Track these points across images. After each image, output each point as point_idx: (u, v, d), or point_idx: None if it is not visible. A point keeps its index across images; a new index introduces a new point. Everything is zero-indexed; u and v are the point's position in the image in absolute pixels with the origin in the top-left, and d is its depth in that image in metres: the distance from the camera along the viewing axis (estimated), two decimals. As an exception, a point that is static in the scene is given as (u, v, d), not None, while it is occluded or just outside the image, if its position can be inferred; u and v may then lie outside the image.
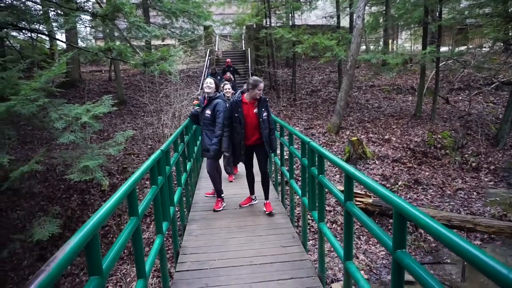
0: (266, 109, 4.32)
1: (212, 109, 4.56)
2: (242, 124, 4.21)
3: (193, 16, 15.30)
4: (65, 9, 8.21)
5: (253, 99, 4.26)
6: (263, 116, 4.25)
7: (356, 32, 10.11)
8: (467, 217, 6.21)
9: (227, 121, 4.34)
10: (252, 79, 4.28)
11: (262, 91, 4.26)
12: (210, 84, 4.60)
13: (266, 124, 4.28)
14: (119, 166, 9.12)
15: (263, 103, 4.29)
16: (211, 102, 4.59)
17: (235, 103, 4.26)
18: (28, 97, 5.81)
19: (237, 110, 4.23)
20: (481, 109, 12.38)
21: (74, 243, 1.24)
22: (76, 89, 14.52)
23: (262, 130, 4.26)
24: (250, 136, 4.34)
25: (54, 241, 7.02)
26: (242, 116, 4.21)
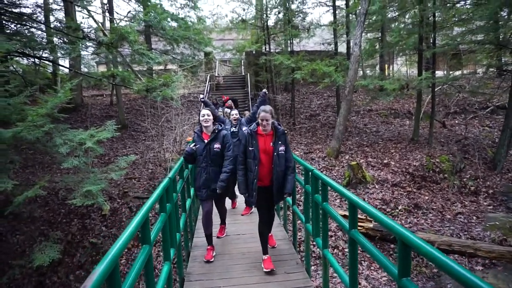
0: (284, 142, 3.71)
1: (221, 142, 4.09)
2: (256, 160, 3.63)
3: (194, 43, 15.73)
4: (71, 37, 8.48)
5: (269, 130, 3.72)
6: (279, 151, 3.63)
7: (354, 59, 10.41)
8: (467, 242, 6.24)
9: (241, 157, 3.76)
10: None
11: (270, 120, 3.64)
12: (207, 117, 4.08)
13: (282, 160, 3.66)
14: (120, 191, 9.15)
15: (281, 136, 3.69)
16: (218, 134, 4.11)
17: (249, 135, 3.72)
18: (34, 123, 5.92)
19: (251, 143, 3.68)
20: (477, 133, 12.58)
21: (98, 273, 1.32)
22: (78, 113, 14.70)
23: (275, 166, 3.61)
24: (265, 175, 3.70)
25: (53, 267, 6.98)
26: (257, 150, 3.63)
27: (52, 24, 13.30)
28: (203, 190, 4.10)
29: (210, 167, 4.06)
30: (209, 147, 4.05)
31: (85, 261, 7.29)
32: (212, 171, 4.07)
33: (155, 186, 9.26)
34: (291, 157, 3.81)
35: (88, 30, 10.09)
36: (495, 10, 9.05)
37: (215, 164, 4.06)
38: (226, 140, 4.13)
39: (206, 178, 4.06)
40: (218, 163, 4.08)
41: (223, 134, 4.15)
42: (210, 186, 4.07)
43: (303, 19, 16.10)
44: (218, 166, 4.08)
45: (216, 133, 4.10)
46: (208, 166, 4.06)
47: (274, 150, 3.65)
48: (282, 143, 3.69)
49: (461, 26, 12.08)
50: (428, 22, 10.88)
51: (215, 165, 4.06)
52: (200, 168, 4.10)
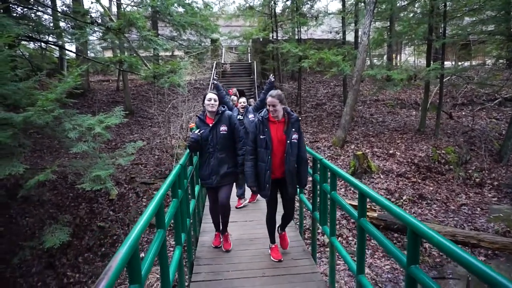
0: (297, 130, 3.43)
1: (228, 124, 3.81)
2: (269, 149, 3.35)
3: (200, 29, 15.61)
4: (80, 22, 8.49)
5: (281, 117, 3.45)
6: (291, 139, 3.35)
7: (362, 48, 10.33)
8: (471, 233, 6.31)
9: (251, 146, 3.49)
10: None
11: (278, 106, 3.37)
12: (214, 102, 3.77)
13: (294, 149, 3.38)
14: (127, 176, 9.26)
15: (294, 123, 3.41)
16: (222, 116, 3.83)
17: (260, 122, 3.44)
18: (44, 108, 5.99)
19: (263, 131, 3.40)
20: (484, 125, 12.51)
21: (122, 254, 1.39)
22: (85, 99, 14.76)
23: (287, 156, 3.34)
24: (278, 166, 3.43)
25: (62, 249, 7.14)
26: (270, 138, 3.36)
27: (59, 9, 13.27)
28: (212, 177, 3.79)
29: (218, 152, 3.77)
30: (215, 131, 3.76)
31: (93, 244, 7.45)
32: (220, 156, 3.79)
33: (162, 172, 9.37)
34: (304, 146, 3.53)
35: (96, 15, 10.10)
36: (507, 0, 8.91)
37: (223, 148, 3.79)
38: (232, 121, 3.85)
39: (215, 163, 3.78)
40: (226, 146, 3.81)
41: (228, 115, 3.86)
42: (219, 172, 3.78)
43: (311, 7, 15.92)
44: (226, 150, 3.81)
45: (220, 115, 3.81)
46: (215, 151, 3.77)
47: (287, 138, 3.35)
48: (296, 131, 3.40)
49: (471, 16, 11.91)
50: (438, 12, 10.73)
51: (222, 149, 3.79)
52: (207, 154, 3.82)
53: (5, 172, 5.36)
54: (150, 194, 8.62)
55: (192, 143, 3.77)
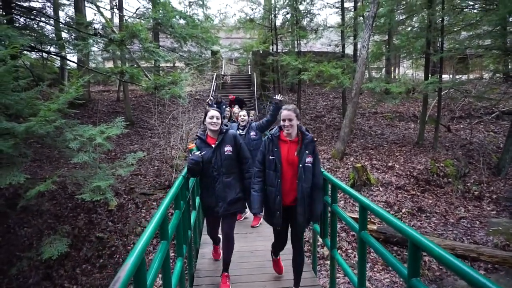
0: (312, 153, 3.03)
1: (233, 144, 3.45)
2: (278, 172, 2.99)
3: (201, 41, 15.78)
4: (83, 33, 8.59)
5: (294, 136, 3.07)
6: (304, 162, 2.96)
7: (361, 62, 10.47)
8: (470, 247, 6.31)
9: (258, 167, 3.15)
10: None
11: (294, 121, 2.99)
12: (217, 120, 3.40)
13: (308, 174, 2.99)
14: (126, 186, 9.26)
15: (309, 144, 3.02)
16: (226, 135, 3.47)
17: (270, 140, 3.09)
18: (46, 118, 6.03)
19: (272, 151, 3.05)
20: (482, 138, 12.60)
21: (130, 265, 1.41)
22: (85, 109, 14.83)
23: (300, 182, 2.95)
24: (286, 192, 3.05)
25: (60, 260, 7.10)
26: (279, 159, 3.00)
27: (62, 20, 13.45)
28: (219, 203, 3.38)
29: (223, 175, 3.38)
30: (218, 152, 3.39)
31: (91, 255, 7.41)
32: (226, 180, 3.38)
33: (161, 183, 9.37)
34: (319, 172, 3.11)
35: (99, 27, 10.23)
36: (504, 16, 9.08)
37: (229, 171, 3.41)
38: (237, 140, 3.49)
39: (220, 189, 3.37)
40: (232, 169, 3.43)
41: (233, 135, 3.50)
42: (226, 199, 3.37)
43: (311, 20, 16.15)
44: (232, 173, 3.44)
45: (224, 134, 3.46)
46: (220, 175, 3.37)
47: (300, 161, 2.97)
48: (310, 153, 3.00)
49: (468, 31, 12.11)
50: (436, 27, 10.90)
51: (228, 173, 3.40)
52: (210, 179, 3.40)
53: (5, 181, 5.37)
54: (149, 205, 8.61)
55: (193, 165, 3.32)
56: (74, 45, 9.17)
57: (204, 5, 16.66)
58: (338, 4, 15.86)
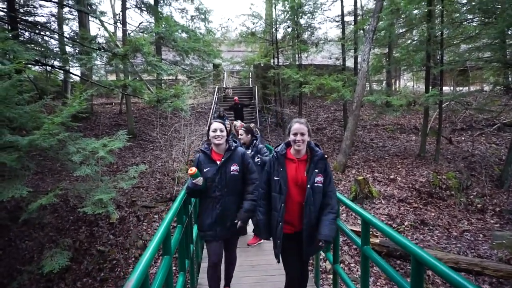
0: (323, 171, 2.71)
1: (240, 163, 3.15)
2: (283, 195, 2.67)
3: (203, 54, 15.98)
4: (87, 48, 8.72)
5: (303, 154, 2.77)
6: (314, 182, 2.65)
7: (362, 75, 10.55)
8: (474, 260, 6.25)
9: (263, 188, 2.84)
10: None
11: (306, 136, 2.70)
12: (220, 133, 3.09)
13: (317, 197, 2.67)
14: (128, 199, 9.25)
15: (318, 162, 2.71)
16: (234, 153, 3.17)
17: (275, 159, 2.77)
18: (50, 132, 6.07)
19: (277, 171, 2.73)
20: (484, 150, 12.58)
21: (134, 281, 1.42)
22: (88, 121, 14.92)
23: (307, 205, 2.64)
24: (295, 217, 2.73)
25: (61, 273, 7.06)
26: (285, 180, 2.68)
27: (67, 34, 13.65)
28: (217, 228, 3.09)
29: (227, 196, 3.07)
30: (223, 171, 3.07)
31: (92, 269, 7.36)
32: (229, 201, 3.09)
33: (163, 196, 9.37)
34: (333, 192, 2.75)
35: (103, 41, 10.39)
36: (502, 30, 9.17)
37: (233, 192, 3.10)
38: (245, 160, 3.19)
39: (222, 211, 3.07)
40: (236, 190, 3.13)
41: (241, 153, 3.20)
42: (225, 222, 3.09)
43: (312, 34, 16.35)
44: (236, 195, 3.13)
45: (232, 151, 3.14)
46: (223, 196, 3.06)
47: (308, 182, 2.64)
48: (320, 172, 2.68)
49: (468, 43, 12.23)
50: (435, 40, 11.02)
51: (232, 194, 3.10)
52: (211, 199, 3.09)
53: (8, 194, 5.38)
54: (151, 217, 8.59)
55: (191, 192, 3.11)
56: (78, 59, 9.29)
57: (206, 19, 16.90)
58: (339, 18, 16.06)
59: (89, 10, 12.26)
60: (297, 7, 14.10)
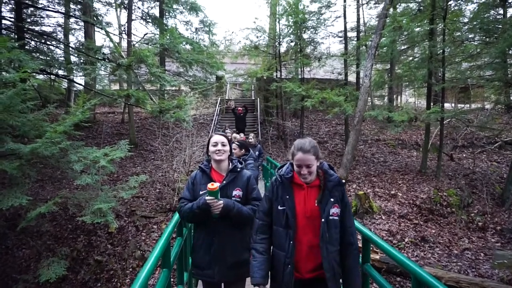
0: (340, 200, 2.21)
1: (244, 187, 2.60)
2: (292, 230, 2.15)
3: (206, 66, 16.14)
4: (92, 58, 8.83)
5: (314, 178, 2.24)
6: (328, 214, 2.15)
7: (363, 90, 10.63)
8: (475, 280, 6.18)
9: (263, 219, 2.29)
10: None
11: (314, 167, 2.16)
12: (222, 147, 2.59)
13: (333, 232, 2.16)
14: (127, 209, 9.23)
15: (334, 189, 2.20)
16: (239, 175, 2.64)
17: (279, 183, 2.26)
18: (52, 140, 6.11)
19: (282, 199, 2.21)
20: (485, 168, 12.56)
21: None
22: (90, 130, 14.98)
23: (323, 243, 2.11)
24: (305, 258, 2.18)
25: (57, 283, 6.99)
26: (293, 212, 2.16)
27: (72, 44, 13.82)
28: (214, 267, 2.51)
29: (227, 227, 2.51)
30: (224, 195, 2.52)
31: (89, 279, 7.30)
32: (230, 233, 2.52)
33: (162, 206, 9.34)
34: (352, 226, 2.25)
35: (108, 52, 10.52)
36: (503, 50, 9.26)
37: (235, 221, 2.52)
38: (251, 185, 2.63)
39: (221, 246, 2.50)
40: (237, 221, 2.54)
41: (247, 176, 2.65)
42: (226, 260, 2.50)
43: (315, 49, 16.52)
44: (239, 227, 2.55)
45: (236, 173, 2.63)
46: (223, 227, 2.51)
47: (322, 214, 2.14)
48: (337, 201, 2.17)
49: (469, 62, 12.33)
50: (437, 58, 11.12)
51: (234, 224, 2.53)
52: (208, 231, 2.53)
53: (8, 203, 5.38)
54: (149, 228, 8.55)
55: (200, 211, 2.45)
56: (83, 69, 9.39)
57: (210, 32, 17.11)
58: (341, 33, 16.25)
59: (95, 21, 12.44)
60: (301, 22, 14.28)
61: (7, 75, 5.92)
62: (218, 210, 2.40)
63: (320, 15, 15.04)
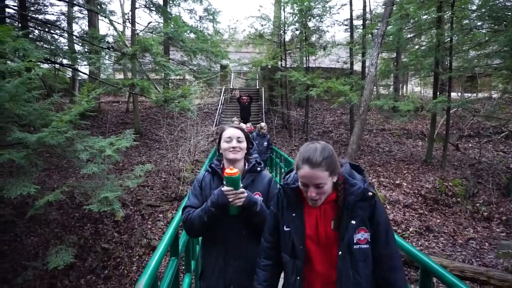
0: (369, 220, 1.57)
1: (265, 192, 2.08)
2: (299, 260, 1.62)
3: (210, 55, 16.02)
4: (96, 47, 8.80)
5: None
6: (352, 241, 1.54)
7: (369, 79, 10.52)
8: (480, 269, 6.20)
9: (267, 241, 1.79)
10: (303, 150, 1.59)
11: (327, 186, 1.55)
12: (237, 143, 2.03)
13: (362, 265, 1.54)
14: (133, 198, 9.30)
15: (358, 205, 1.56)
16: (259, 178, 2.11)
17: (284, 196, 1.73)
18: (58, 129, 6.13)
19: (287, 217, 1.69)
20: (491, 158, 12.49)
21: (144, 284, 1.43)
22: (95, 119, 15.02)
23: (341, 279, 1.53)
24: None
25: (65, 270, 7.10)
26: (300, 236, 1.63)
27: (76, 33, 13.77)
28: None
29: (246, 242, 1.99)
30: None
31: (96, 266, 7.42)
32: (249, 249, 1.98)
33: (168, 195, 9.40)
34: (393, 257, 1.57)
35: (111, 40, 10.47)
36: (511, 38, 9.10)
37: (253, 234, 1.99)
38: (272, 189, 2.08)
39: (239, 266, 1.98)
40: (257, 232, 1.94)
41: (268, 179, 2.14)
42: (246, 284, 1.93)
43: (320, 37, 16.34)
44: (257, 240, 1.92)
45: (255, 174, 2.11)
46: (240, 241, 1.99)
47: (341, 240, 1.55)
48: (363, 223, 1.55)
49: (477, 50, 12.15)
50: (444, 46, 10.96)
51: (252, 238, 1.99)
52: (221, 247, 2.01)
53: (16, 192, 5.43)
54: (155, 216, 8.63)
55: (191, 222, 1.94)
56: (87, 58, 9.36)
57: (214, 20, 16.94)
58: (347, 21, 16.05)
59: (98, 9, 12.34)
60: (306, 10, 14.09)
61: (12, 64, 5.91)
62: (241, 201, 1.85)
63: (326, 2, 14.84)
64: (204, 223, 1.87)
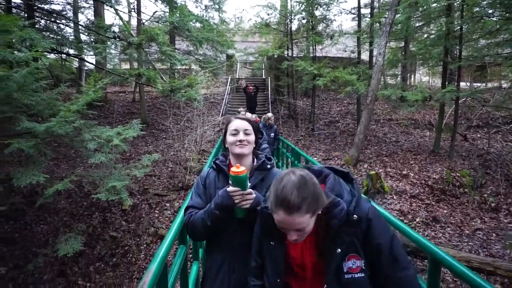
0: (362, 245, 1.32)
1: None
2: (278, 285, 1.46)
3: (216, 44, 15.95)
4: (102, 37, 8.79)
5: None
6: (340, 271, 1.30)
7: (377, 69, 10.41)
8: (487, 260, 6.18)
9: (254, 260, 1.61)
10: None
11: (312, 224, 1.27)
12: (244, 136, 1.85)
13: None
14: (140, 187, 9.39)
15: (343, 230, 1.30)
16: (268, 175, 1.90)
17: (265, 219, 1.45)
18: (66, 119, 6.17)
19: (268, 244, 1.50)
20: (500, 148, 12.35)
21: (154, 270, 1.45)
22: (102, 109, 15.09)
23: None
24: None
25: (74, 257, 7.22)
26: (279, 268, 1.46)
27: (82, 22, 13.74)
28: None
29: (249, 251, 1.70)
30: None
31: (105, 254, 7.53)
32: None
33: (175, 185, 9.47)
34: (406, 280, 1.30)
35: (118, 30, 10.45)
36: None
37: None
38: None
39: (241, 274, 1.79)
40: None
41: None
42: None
43: (327, 26, 16.14)
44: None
45: (265, 172, 1.91)
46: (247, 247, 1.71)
47: (327, 270, 1.33)
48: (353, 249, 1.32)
49: (487, 39, 11.93)
50: (454, 35, 10.77)
51: None
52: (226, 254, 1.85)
53: (26, 181, 5.51)
54: (162, 206, 8.71)
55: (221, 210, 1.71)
56: (94, 48, 9.36)
57: (220, 9, 16.82)
58: (355, 10, 15.81)
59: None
60: (313, -1, 13.92)
61: (20, 54, 5.93)
62: (248, 203, 1.67)
63: (333, -9, 14.63)
64: (207, 226, 1.71)
